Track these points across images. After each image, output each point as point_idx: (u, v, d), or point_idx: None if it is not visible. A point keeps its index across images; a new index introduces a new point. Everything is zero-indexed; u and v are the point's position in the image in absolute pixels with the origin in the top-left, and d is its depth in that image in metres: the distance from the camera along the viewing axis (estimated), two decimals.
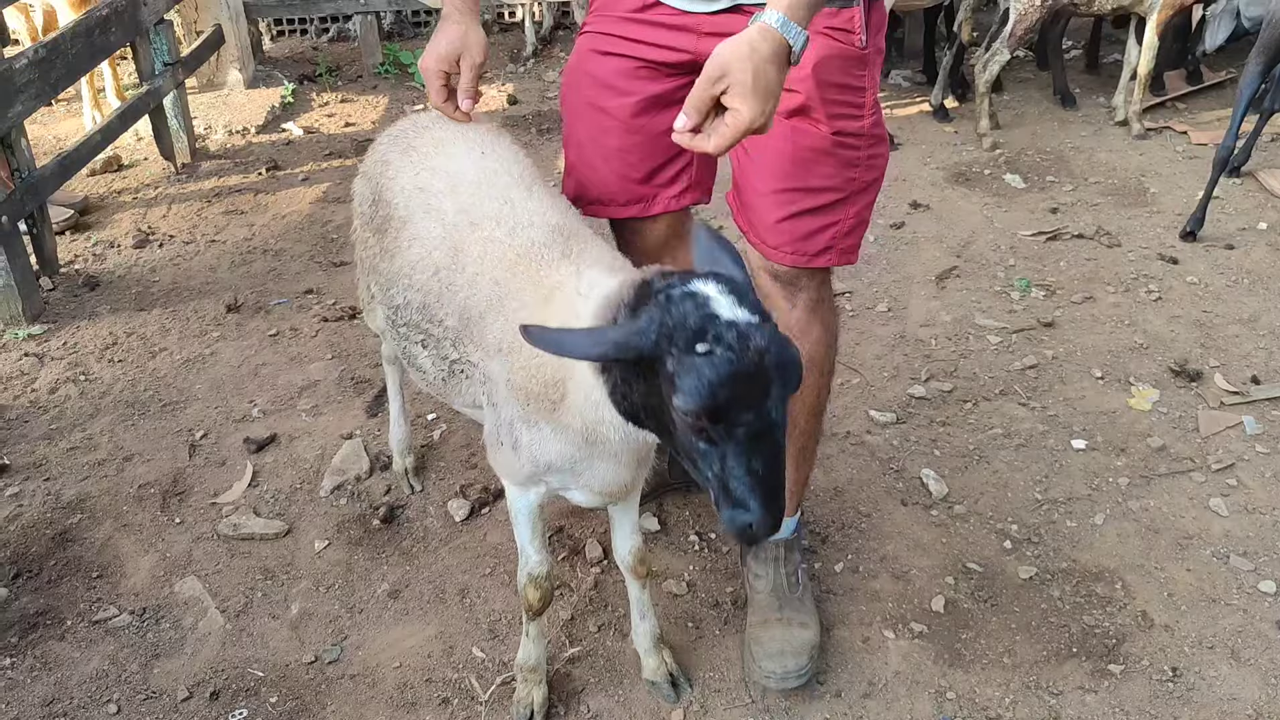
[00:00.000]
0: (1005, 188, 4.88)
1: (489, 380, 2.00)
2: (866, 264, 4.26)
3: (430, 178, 2.20)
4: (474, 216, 2.06)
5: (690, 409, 1.52)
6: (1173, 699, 2.43)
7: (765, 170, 2.18)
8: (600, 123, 2.34)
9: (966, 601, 2.70)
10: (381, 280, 2.30)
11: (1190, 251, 4.32)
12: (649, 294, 1.61)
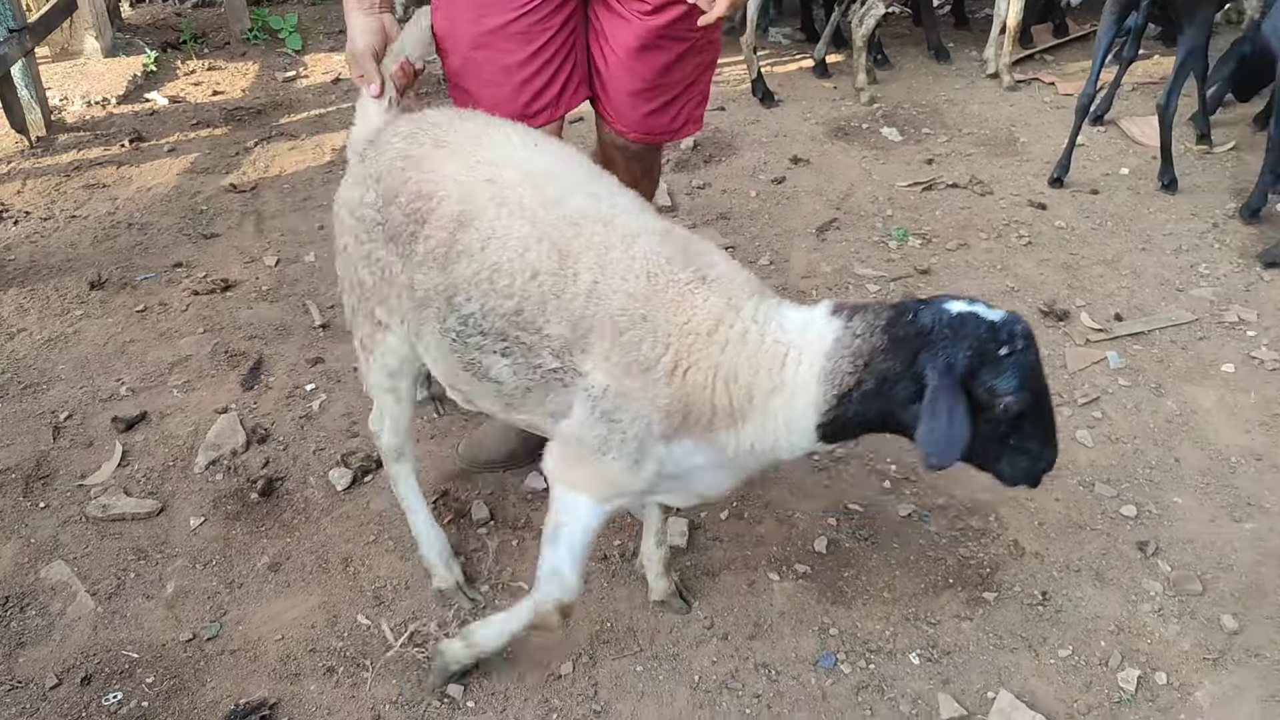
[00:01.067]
0: (883, 141, 4.97)
1: (607, 395, 1.91)
2: (749, 219, 4.30)
3: (494, 170, 2.01)
4: (569, 214, 1.96)
5: (1023, 400, 1.77)
6: (1042, 621, 2.53)
7: (626, 74, 2.52)
8: (494, 43, 2.44)
9: (848, 541, 2.76)
10: (424, 292, 2.04)
11: (1058, 197, 4.47)
12: (914, 333, 1.78)
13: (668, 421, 1.91)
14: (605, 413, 1.93)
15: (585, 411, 1.95)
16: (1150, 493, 2.92)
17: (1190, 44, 4.24)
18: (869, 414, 1.85)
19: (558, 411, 2.01)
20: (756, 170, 4.68)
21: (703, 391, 1.89)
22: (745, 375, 1.87)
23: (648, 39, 2.48)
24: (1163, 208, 4.37)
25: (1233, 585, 2.63)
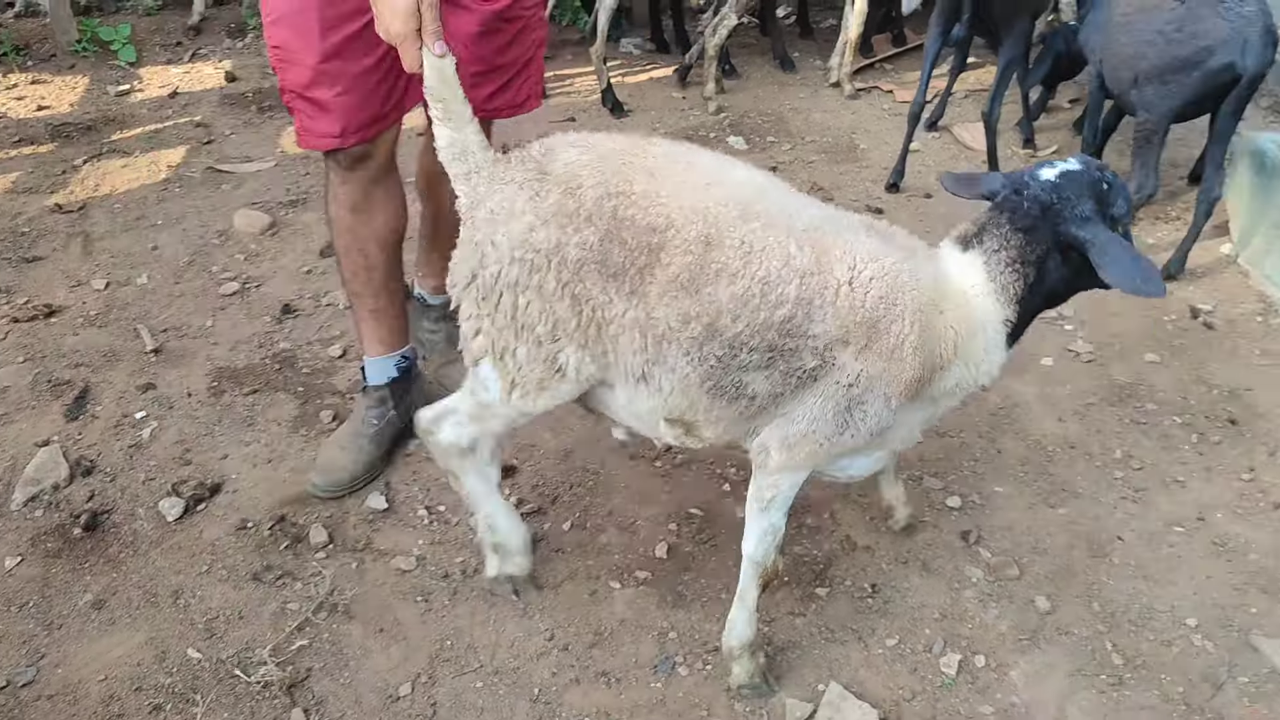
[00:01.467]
0: (729, 149, 5.08)
1: (859, 381, 2.05)
2: None
3: (725, 190, 2.01)
4: (803, 222, 2.04)
5: (1128, 211, 2.13)
6: (871, 612, 2.63)
7: (469, 58, 2.60)
8: (347, 53, 2.45)
9: (688, 545, 2.81)
10: (670, 324, 1.99)
11: (894, 202, 4.65)
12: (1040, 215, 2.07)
13: (906, 393, 2.10)
14: (854, 398, 2.07)
15: (832, 400, 2.07)
16: (974, 483, 3.07)
17: (1010, 54, 4.46)
18: (1047, 296, 2.18)
19: (785, 412, 2.12)
20: None
21: (933, 358, 2.10)
22: (957, 330, 2.11)
23: (488, 23, 2.63)
24: None
25: (1047, 568, 2.78)
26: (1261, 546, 2.88)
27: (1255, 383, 3.53)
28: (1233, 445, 3.25)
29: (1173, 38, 3.67)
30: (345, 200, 2.71)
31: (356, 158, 2.64)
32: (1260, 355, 3.68)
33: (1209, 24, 3.58)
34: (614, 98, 5.37)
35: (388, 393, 2.98)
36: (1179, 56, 3.65)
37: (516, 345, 2.11)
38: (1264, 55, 3.56)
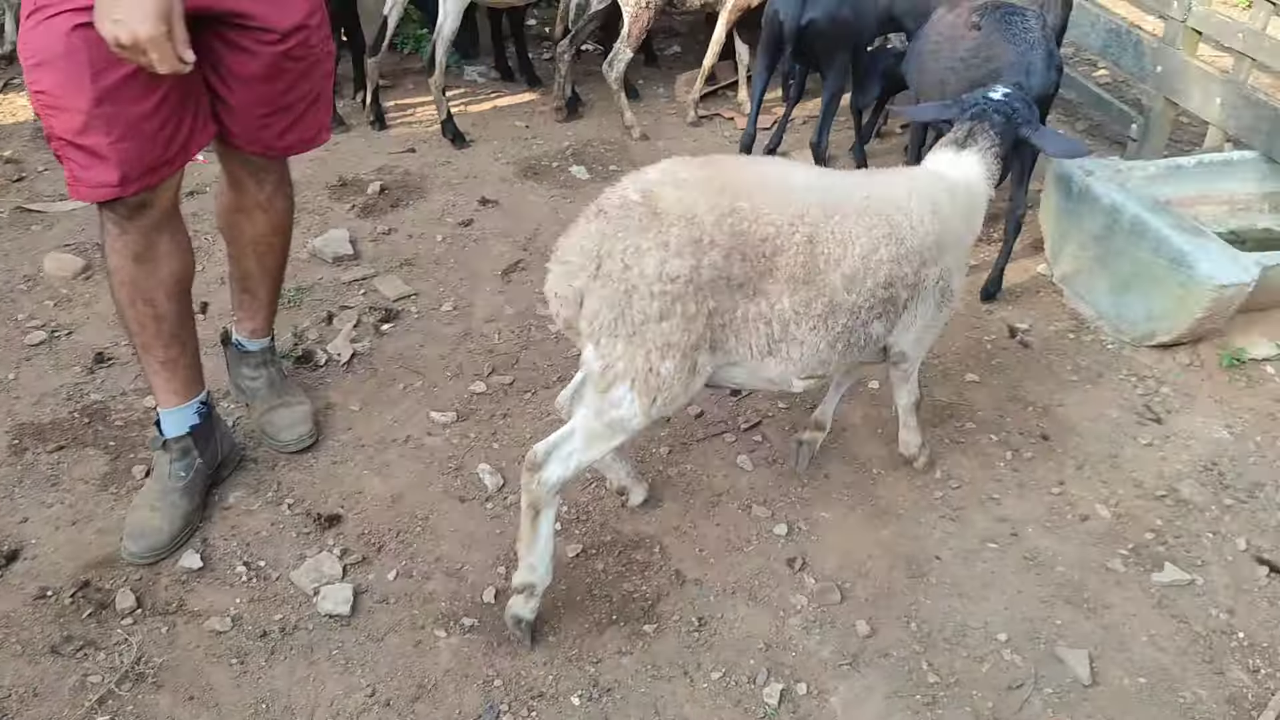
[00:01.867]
0: (572, 179, 5.09)
1: (944, 275, 2.77)
2: (434, 264, 4.28)
3: (801, 194, 2.49)
4: (858, 200, 2.57)
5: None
6: (698, 646, 2.65)
7: (256, 101, 2.63)
8: (121, 96, 2.34)
9: None
10: (793, 312, 2.46)
11: None
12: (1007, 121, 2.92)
13: (967, 258, 3.03)
14: (944, 289, 2.80)
15: (931, 300, 2.78)
16: (801, 510, 3.13)
17: (833, 86, 4.61)
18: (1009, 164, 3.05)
19: (904, 325, 2.78)
20: (445, 213, 4.67)
21: (972, 228, 2.91)
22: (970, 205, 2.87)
23: (274, 65, 2.59)
24: None
25: (868, 591, 2.86)
26: (1068, 559, 3.02)
27: (1067, 399, 3.72)
28: (1044, 460, 3.41)
29: (971, 63, 3.88)
30: (126, 250, 2.58)
31: (136, 206, 2.51)
32: (1071, 371, 3.87)
33: (999, 49, 3.83)
34: (454, 128, 5.32)
35: (190, 442, 2.86)
36: (975, 80, 3.84)
37: (661, 365, 2.36)
38: (1046, 77, 3.82)
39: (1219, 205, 4.50)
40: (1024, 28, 3.87)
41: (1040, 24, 3.93)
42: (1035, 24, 3.90)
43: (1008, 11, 3.97)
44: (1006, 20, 3.92)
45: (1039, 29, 3.88)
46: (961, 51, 3.99)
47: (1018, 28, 3.88)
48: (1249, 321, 3.98)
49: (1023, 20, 3.91)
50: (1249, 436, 3.56)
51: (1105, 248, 4.06)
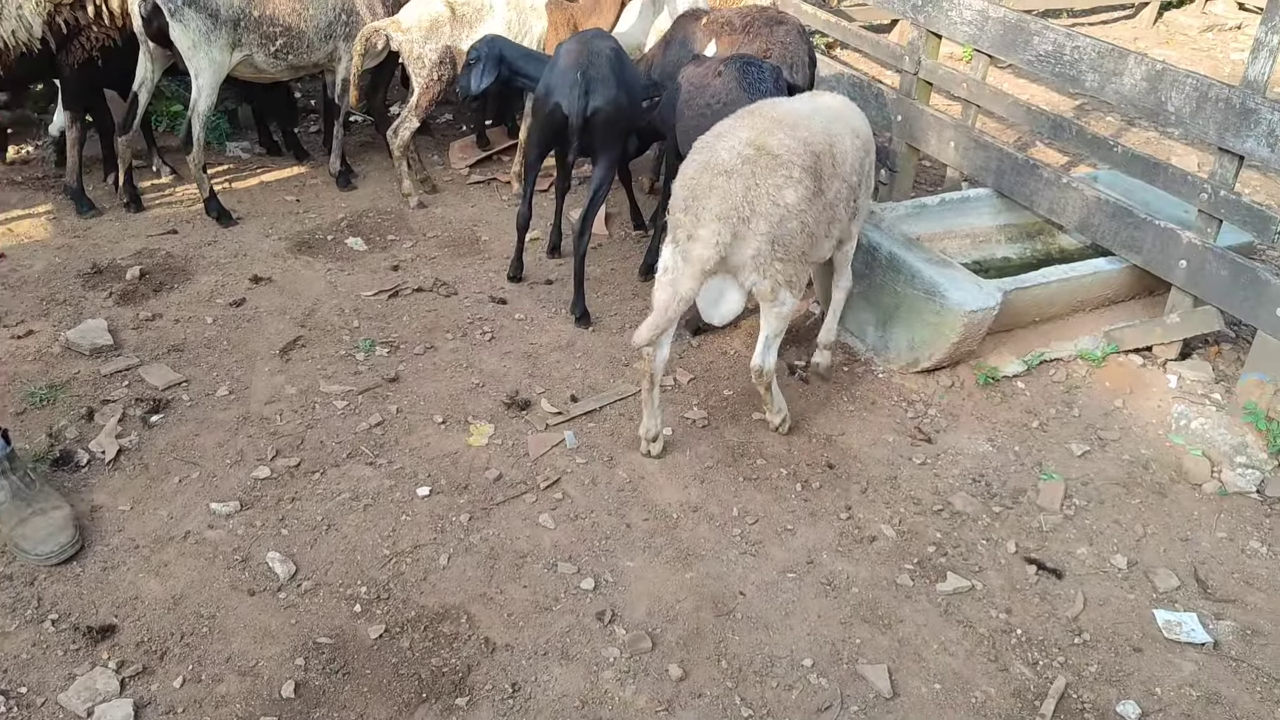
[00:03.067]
0: (348, 251, 4.97)
1: (868, 170, 3.93)
2: (206, 348, 4.06)
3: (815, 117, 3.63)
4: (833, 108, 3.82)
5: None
6: (514, 713, 2.59)
7: None
8: None
9: (318, 678, 2.65)
10: (832, 198, 3.56)
11: (517, 291, 4.73)
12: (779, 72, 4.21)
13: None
14: (870, 176, 3.98)
15: (865, 187, 3.90)
16: (607, 562, 3.14)
17: (605, 172, 4.46)
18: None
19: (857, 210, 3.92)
20: (214, 294, 4.45)
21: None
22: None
23: None
24: (609, 290, 4.81)
25: (678, 634, 2.89)
26: (861, 579, 3.16)
27: (847, 428, 3.92)
28: (832, 488, 3.58)
29: (714, 108, 4.17)
30: None
31: None
32: (849, 402, 4.09)
33: (735, 95, 4.16)
34: (219, 206, 5.10)
35: None
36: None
37: (801, 267, 3.47)
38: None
39: (963, 239, 4.91)
40: (758, 78, 4.23)
41: (774, 76, 4.28)
42: (769, 75, 4.26)
43: (745, 63, 4.32)
44: (743, 71, 4.27)
45: (771, 80, 4.24)
46: (706, 98, 4.30)
47: (752, 77, 4.24)
48: (998, 342, 4.34)
49: (758, 71, 4.27)
50: (1008, 448, 3.86)
51: (867, 284, 4.33)
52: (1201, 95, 4.01)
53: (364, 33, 5.06)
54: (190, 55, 4.78)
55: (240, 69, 5.06)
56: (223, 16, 4.77)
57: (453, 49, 5.18)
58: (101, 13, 4.63)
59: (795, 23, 5.05)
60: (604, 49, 4.29)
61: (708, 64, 4.51)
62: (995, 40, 4.87)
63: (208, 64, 4.81)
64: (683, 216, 3.29)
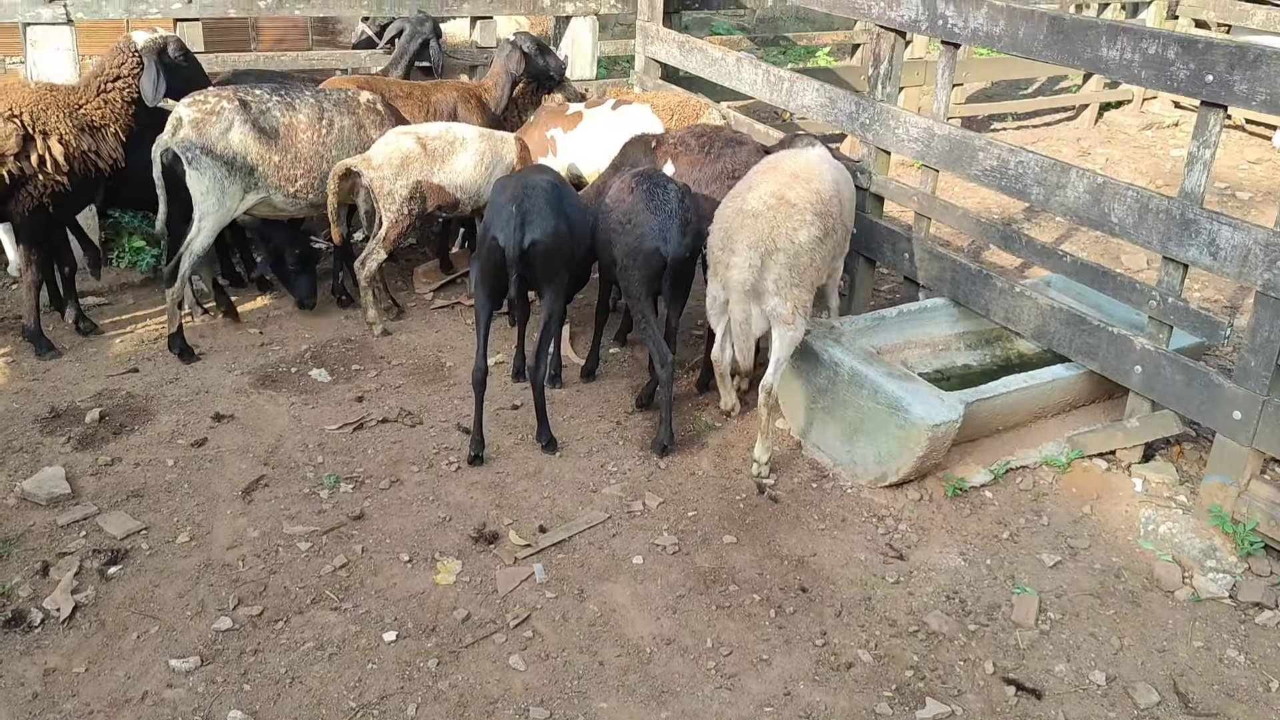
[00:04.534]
0: (312, 384, 4.95)
1: (844, 215, 4.69)
2: (166, 492, 4.00)
3: (821, 165, 4.53)
4: (830, 161, 4.71)
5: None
6: None
7: None
8: None
9: None
10: (843, 234, 4.60)
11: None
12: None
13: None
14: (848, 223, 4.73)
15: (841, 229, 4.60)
16: (580, 704, 3.07)
17: (554, 307, 4.43)
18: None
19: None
20: (175, 434, 4.40)
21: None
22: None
23: None
24: (575, 413, 4.80)
25: None
26: (839, 711, 3.10)
27: (819, 548, 3.90)
28: (805, 613, 3.53)
29: (626, 226, 4.40)
30: None
31: None
32: (819, 520, 4.07)
33: (643, 216, 4.38)
34: (183, 342, 5.08)
35: None
36: (629, 245, 4.40)
37: (810, 295, 4.28)
38: (680, 242, 4.37)
39: (923, 348, 4.97)
40: (663, 198, 4.42)
41: (680, 195, 4.47)
42: (674, 194, 4.45)
43: (654, 182, 4.50)
44: (650, 191, 4.45)
45: (676, 199, 4.43)
46: (619, 215, 4.48)
47: (658, 198, 4.42)
48: (963, 453, 4.36)
49: (663, 191, 4.45)
50: (980, 561, 3.85)
51: (831, 399, 4.36)
52: (1143, 207, 4.13)
53: (336, 169, 5.13)
54: (201, 199, 4.94)
55: (258, 208, 5.21)
56: (239, 164, 4.95)
57: (422, 184, 5.25)
58: (45, 162, 4.67)
59: (754, 144, 5.19)
60: (540, 182, 4.34)
61: (621, 182, 4.65)
62: (941, 156, 5.01)
63: (215, 208, 4.97)
64: (720, 252, 4.20)
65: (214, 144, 4.86)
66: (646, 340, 4.51)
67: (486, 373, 4.34)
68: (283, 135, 5.09)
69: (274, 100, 5.13)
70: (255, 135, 4.98)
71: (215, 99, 4.93)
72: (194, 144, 4.83)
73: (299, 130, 5.15)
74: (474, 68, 7.16)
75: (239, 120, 4.93)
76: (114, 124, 4.92)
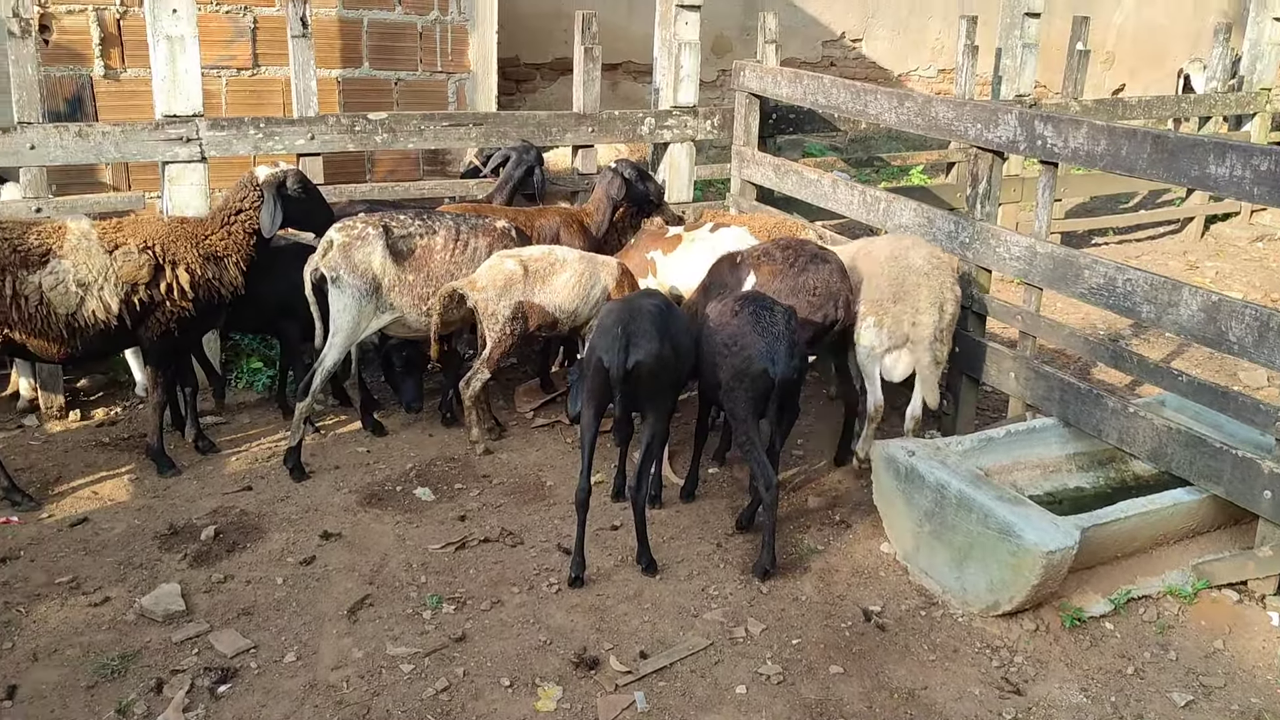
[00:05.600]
0: (416, 502, 5.03)
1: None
2: (275, 610, 4.07)
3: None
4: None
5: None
6: None
7: None
8: None
9: None
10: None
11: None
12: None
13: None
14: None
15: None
16: None
17: (656, 428, 4.45)
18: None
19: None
20: (285, 553, 4.50)
21: None
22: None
23: None
24: (675, 534, 4.77)
25: None
26: None
27: (929, 680, 3.74)
28: None
29: (731, 349, 4.42)
30: None
31: None
32: (929, 650, 3.92)
33: (750, 337, 4.37)
34: (298, 459, 5.24)
35: None
36: (735, 366, 4.39)
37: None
38: (789, 364, 4.32)
39: (1032, 470, 4.83)
40: (770, 321, 4.41)
41: (786, 318, 4.46)
42: (781, 318, 4.44)
43: (760, 304, 4.50)
44: (756, 313, 4.45)
45: (784, 323, 4.42)
46: (724, 337, 4.48)
47: (765, 321, 4.42)
48: (1080, 581, 4.18)
49: (769, 315, 4.44)
50: (1104, 698, 3.64)
51: (938, 523, 4.25)
52: (1263, 325, 4.00)
53: (442, 291, 5.32)
54: (338, 315, 5.22)
55: (392, 327, 5.47)
56: (377, 284, 5.24)
57: (524, 304, 5.40)
58: (173, 290, 4.95)
59: (838, 262, 5.21)
60: (646, 304, 4.40)
61: (724, 304, 4.68)
62: (1045, 274, 4.96)
63: (349, 325, 5.24)
64: (892, 305, 5.01)
65: (357, 265, 5.16)
66: (751, 462, 4.48)
67: (590, 493, 4.33)
68: (419, 256, 5.35)
69: (415, 224, 5.45)
70: (394, 257, 5.27)
71: (362, 224, 5.26)
72: (340, 265, 5.14)
73: (434, 251, 5.40)
74: (575, 193, 7.40)
75: (381, 244, 5.20)
76: (235, 254, 5.19)
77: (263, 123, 6.09)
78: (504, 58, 9.13)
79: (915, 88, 13.03)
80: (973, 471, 4.38)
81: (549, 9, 10.71)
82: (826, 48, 12.79)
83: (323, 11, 7.43)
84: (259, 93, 7.38)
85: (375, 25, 7.77)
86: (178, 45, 5.63)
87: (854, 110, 6.27)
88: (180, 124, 5.76)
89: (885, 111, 5.97)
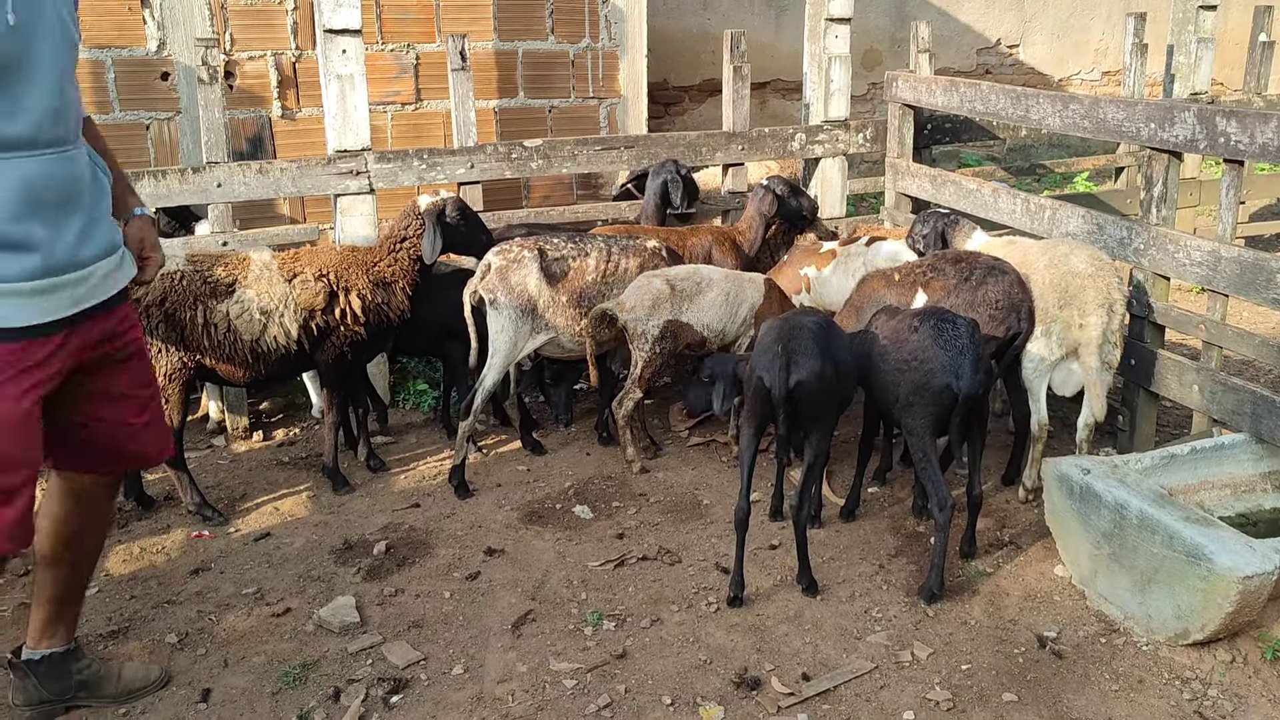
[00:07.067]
0: (576, 520, 5.10)
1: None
2: (443, 624, 4.20)
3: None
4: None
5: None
6: None
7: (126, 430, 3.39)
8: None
9: None
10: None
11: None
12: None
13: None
14: None
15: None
16: None
17: (819, 448, 4.37)
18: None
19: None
20: (451, 568, 4.64)
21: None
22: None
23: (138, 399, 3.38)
24: (835, 555, 4.68)
25: None
26: None
27: (1114, 712, 3.54)
28: None
29: (911, 364, 4.30)
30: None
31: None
32: (1111, 680, 3.71)
33: (932, 353, 4.25)
34: (462, 476, 5.40)
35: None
36: (915, 381, 4.28)
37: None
38: (974, 379, 4.18)
39: (1221, 489, 4.51)
40: (953, 334, 4.27)
41: (970, 330, 4.31)
42: (964, 330, 4.30)
43: (941, 318, 4.37)
44: (938, 327, 4.31)
45: (967, 335, 4.27)
46: (905, 354, 4.35)
47: (948, 334, 4.27)
48: None
49: (953, 328, 4.30)
50: None
51: (1118, 545, 4.02)
52: None
53: (594, 313, 5.41)
54: (495, 337, 5.39)
55: (547, 348, 5.63)
56: (532, 306, 5.39)
57: (673, 323, 5.43)
58: (346, 315, 5.19)
59: (1015, 272, 5.01)
60: (806, 323, 4.33)
61: (901, 318, 4.54)
62: (1231, 280, 4.65)
63: (506, 346, 5.39)
64: (1059, 311, 4.83)
65: (513, 287, 5.31)
66: (926, 481, 4.37)
67: (749, 512, 4.28)
68: (571, 278, 5.46)
69: (569, 247, 5.59)
70: (549, 279, 5.39)
71: (518, 248, 5.42)
72: (497, 287, 5.30)
73: (586, 273, 5.51)
74: (727, 212, 7.40)
75: (536, 266, 5.35)
76: (402, 279, 5.41)
77: (426, 154, 6.35)
78: (653, 81, 9.23)
79: (1076, 93, 12.48)
80: (1155, 490, 4.13)
81: (696, 31, 10.80)
82: (981, 55, 12.42)
83: (480, 45, 7.70)
84: (421, 125, 7.69)
85: (529, 55, 7.99)
86: (348, 84, 5.93)
87: (1014, 116, 6.05)
88: (350, 158, 6.06)
89: (1049, 116, 5.74)
